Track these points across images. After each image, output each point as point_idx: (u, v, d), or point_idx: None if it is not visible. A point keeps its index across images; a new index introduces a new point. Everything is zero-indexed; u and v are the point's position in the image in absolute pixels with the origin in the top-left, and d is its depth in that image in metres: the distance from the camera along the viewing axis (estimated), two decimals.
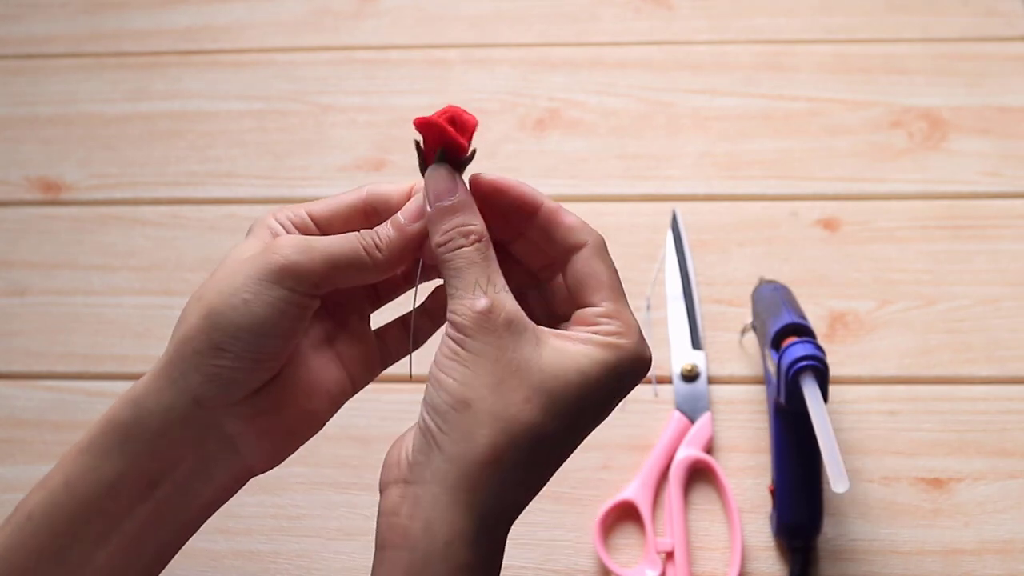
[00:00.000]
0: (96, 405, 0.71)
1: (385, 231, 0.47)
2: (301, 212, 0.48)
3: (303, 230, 0.48)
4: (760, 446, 0.68)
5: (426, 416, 0.44)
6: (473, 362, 0.43)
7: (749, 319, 0.70)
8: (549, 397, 0.43)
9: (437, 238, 0.45)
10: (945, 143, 0.79)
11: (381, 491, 0.45)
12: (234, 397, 0.45)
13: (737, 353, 0.72)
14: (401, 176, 0.80)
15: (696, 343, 0.72)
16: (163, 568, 0.47)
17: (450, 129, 0.46)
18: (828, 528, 0.65)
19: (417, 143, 0.47)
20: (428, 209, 0.46)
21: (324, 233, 0.48)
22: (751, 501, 0.67)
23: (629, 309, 0.46)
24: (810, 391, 0.59)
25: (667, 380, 0.71)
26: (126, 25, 0.89)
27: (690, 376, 0.70)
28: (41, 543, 0.44)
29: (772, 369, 0.62)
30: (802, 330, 0.62)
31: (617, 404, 0.46)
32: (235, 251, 0.46)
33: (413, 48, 0.87)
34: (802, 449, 0.62)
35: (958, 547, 0.65)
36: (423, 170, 0.47)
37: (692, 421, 0.69)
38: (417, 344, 0.51)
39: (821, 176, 0.78)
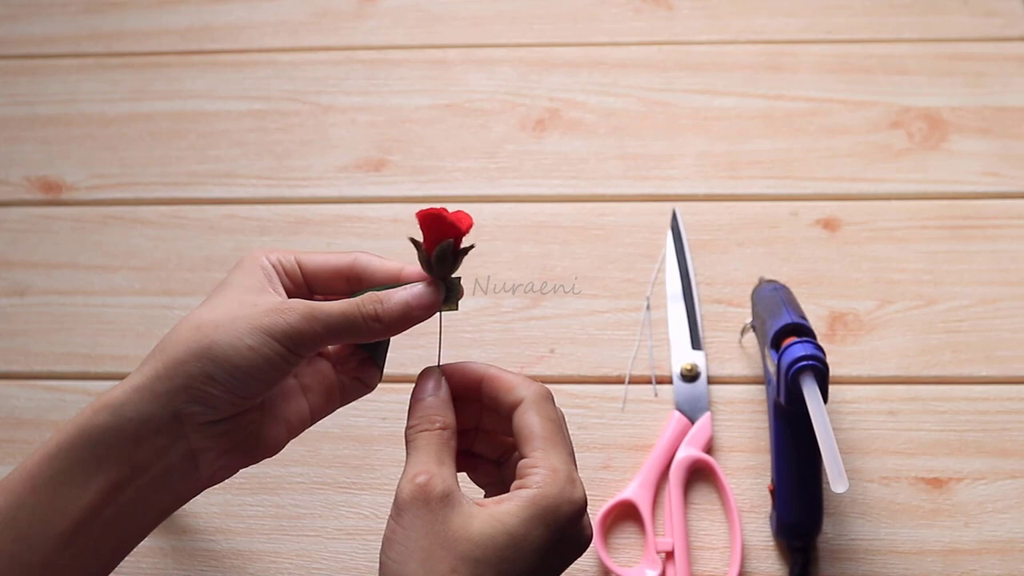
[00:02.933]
0: None
1: (390, 307, 0.50)
2: (292, 260, 0.51)
3: (292, 278, 0.51)
4: (760, 446, 0.68)
5: None
6: (406, 538, 0.45)
7: (749, 319, 0.70)
8: (475, 564, 0.44)
9: (409, 422, 0.49)
10: (945, 143, 0.79)
11: None
12: (210, 418, 0.47)
13: (737, 353, 0.72)
14: (401, 176, 0.80)
15: (696, 343, 0.72)
16: (114, 568, 0.48)
17: (448, 217, 0.49)
18: (828, 528, 0.65)
19: (414, 240, 0.50)
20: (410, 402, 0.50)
21: (310, 284, 0.52)
22: (751, 501, 0.67)
23: (561, 455, 0.48)
24: (810, 391, 0.59)
25: (667, 380, 0.71)
26: (126, 25, 0.89)
27: (690, 376, 0.70)
28: (1, 544, 0.45)
29: (772, 369, 0.62)
30: (802, 330, 0.62)
31: (566, 550, 0.48)
32: (232, 286, 0.49)
33: (413, 48, 0.87)
34: (802, 449, 0.62)
35: (958, 547, 0.65)
36: (423, 262, 0.50)
37: (692, 421, 0.69)
38: (345, 401, 0.54)
39: (821, 176, 0.78)
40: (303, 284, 0.52)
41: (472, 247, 0.50)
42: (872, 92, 0.82)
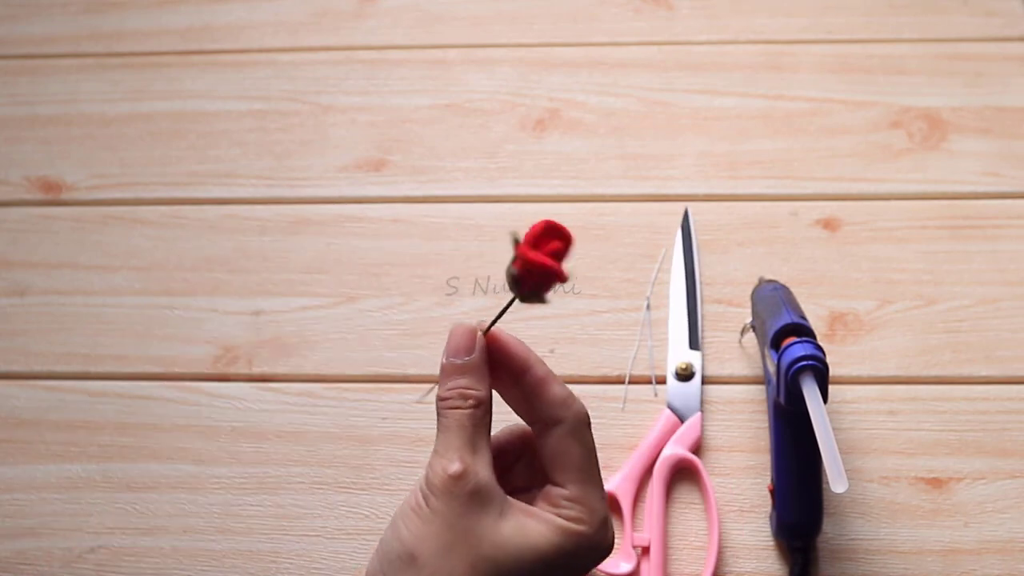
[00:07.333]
0: (96, 405, 0.71)
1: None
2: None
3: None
4: (760, 446, 0.68)
5: (376, 559, 0.44)
6: (430, 520, 0.44)
7: (749, 319, 0.70)
8: (496, 568, 0.44)
9: (441, 392, 0.47)
10: (945, 143, 0.79)
11: None
12: None
13: (737, 353, 0.72)
14: (401, 176, 0.80)
15: (695, 343, 0.72)
16: None
17: (560, 271, 0.45)
18: (828, 528, 0.65)
19: (513, 274, 0.46)
20: (442, 360, 0.47)
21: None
22: (751, 501, 0.67)
23: (598, 492, 0.47)
24: (810, 391, 0.59)
25: (665, 380, 0.71)
26: (126, 25, 0.89)
27: (685, 375, 0.70)
28: None
29: (772, 369, 0.62)
30: (802, 330, 0.62)
31: None
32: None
33: (413, 48, 0.87)
34: (802, 449, 0.62)
35: (958, 547, 0.65)
36: (513, 288, 0.46)
37: (683, 420, 0.69)
38: None
39: (821, 176, 0.78)
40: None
41: (546, 303, 0.47)
42: (872, 92, 0.82)
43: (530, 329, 0.73)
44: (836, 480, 0.56)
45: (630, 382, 0.71)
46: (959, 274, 0.74)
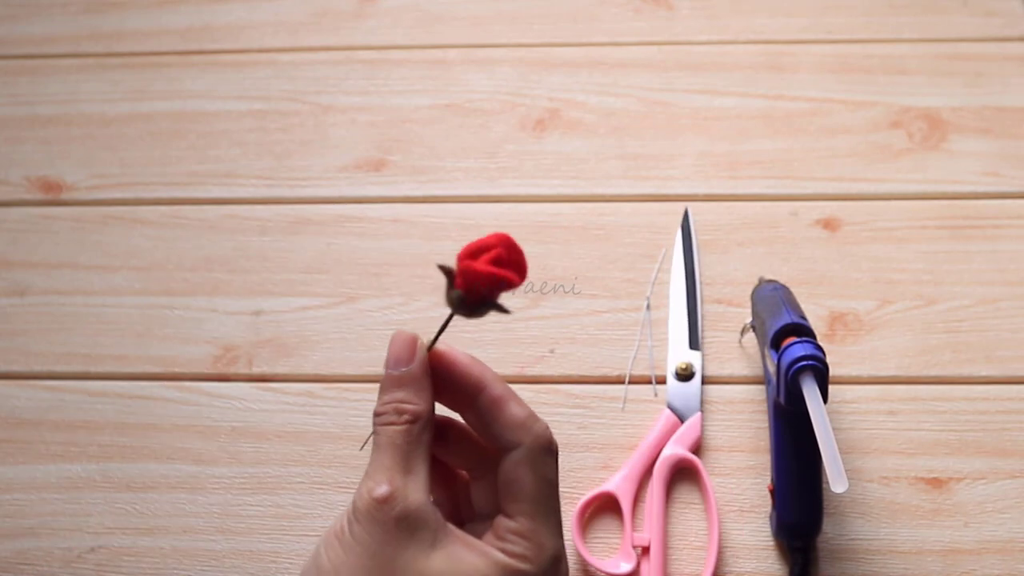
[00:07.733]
0: (96, 405, 0.71)
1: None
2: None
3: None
4: (760, 446, 0.68)
5: None
6: (351, 548, 0.40)
7: (749, 319, 0.70)
8: None
9: (377, 406, 0.44)
10: (945, 143, 0.79)
11: None
12: None
13: (737, 353, 0.72)
14: (401, 176, 0.80)
15: (694, 343, 0.72)
16: None
17: (506, 276, 0.43)
18: (828, 528, 0.65)
19: (446, 269, 0.44)
20: (384, 370, 0.44)
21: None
22: (750, 501, 0.67)
23: (551, 528, 0.43)
24: (810, 391, 0.59)
25: (665, 380, 0.71)
26: (126, 25, 0.89)
27: (685, 375, 0.70)
28: None
29: (772, 369, 0.62)
30: (802, 330, 0.62)
31: None
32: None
33: (413, 48, 0.87)
34: (802, 449, 0.62)
35: (958, 547, 0.65)
36: (448, 297, 0.44)
37: (683, 420, 0.69)
38: None
39: (821, 176, 0.78)
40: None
41: (507, 312, 0.44)
42: (872, 92, 0.82)
43: (530, 330, 0.73)
44: (836, 480, 0.56)
45: (630, 382, 0.71)
46: (959, 274, 0.74)
